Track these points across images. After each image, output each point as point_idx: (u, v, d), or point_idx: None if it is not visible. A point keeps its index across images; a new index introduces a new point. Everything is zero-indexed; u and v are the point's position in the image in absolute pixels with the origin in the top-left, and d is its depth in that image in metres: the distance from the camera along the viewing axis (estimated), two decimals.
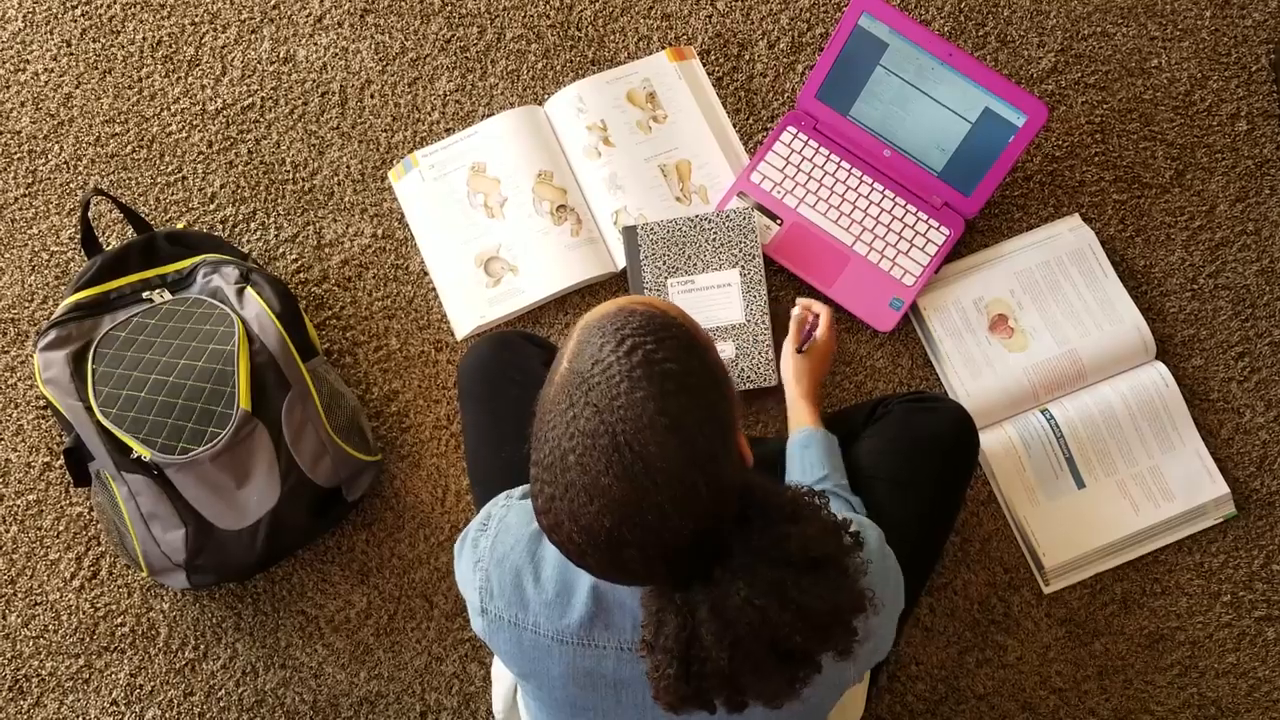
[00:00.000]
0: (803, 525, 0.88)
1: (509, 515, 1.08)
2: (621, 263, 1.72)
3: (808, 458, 1.36)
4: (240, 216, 1.77)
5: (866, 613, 0.90)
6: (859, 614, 0.90)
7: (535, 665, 1.04)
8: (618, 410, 0.83)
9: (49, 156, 1.79)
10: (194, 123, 1.80)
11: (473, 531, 1.10)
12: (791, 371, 1.50)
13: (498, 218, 1.74)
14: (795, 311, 1.56)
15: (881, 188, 1.72)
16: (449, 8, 1.85)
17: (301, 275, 1.74)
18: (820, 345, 1.52)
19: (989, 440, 1.62)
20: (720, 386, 0.89)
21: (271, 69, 1.83)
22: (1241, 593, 1.60)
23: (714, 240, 1.67)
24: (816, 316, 1.54)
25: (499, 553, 1.05)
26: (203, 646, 1.60)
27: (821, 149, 1.74)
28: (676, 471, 0.83)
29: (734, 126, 1.80)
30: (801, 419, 1.43)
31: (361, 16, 1.85)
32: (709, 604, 0.86)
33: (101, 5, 1.85)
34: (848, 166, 1.73)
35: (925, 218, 1.70)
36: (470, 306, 1.71)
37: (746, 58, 1.83)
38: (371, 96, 1.81)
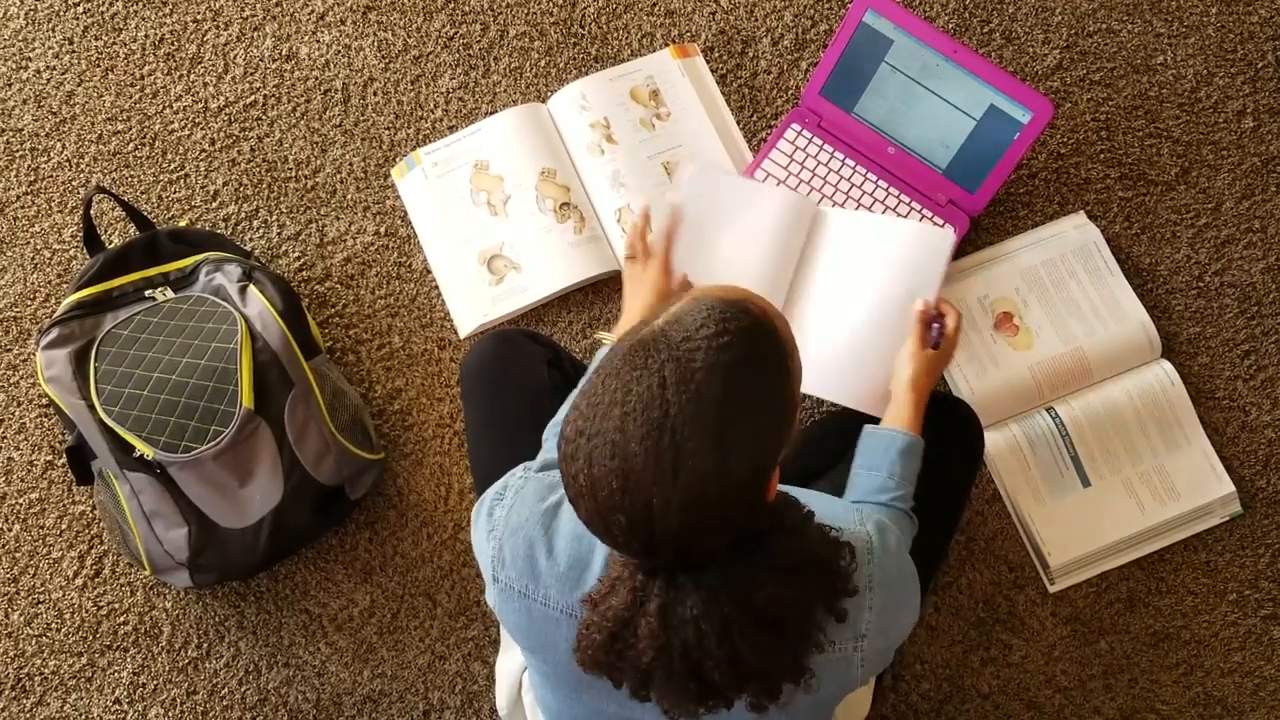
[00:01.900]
0: (785, 585, 0.90)
1: (526, 487, 1.08)
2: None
3: (909, 467, 1.27)
4: (243, 214, 1.76)
5: (803, 680, 0.93)
6: (788, 681, 0.92)
7: (543, 638, 1.04)
8: (683, 395, 0.83)
9: (51, 154, 1.79)
10: (196, 120, 1.80)
11: (489, 500, 1.10)
12: (910, 372, 1.35)
13: (501, 215, 1.74)
14: (917, 307, 1.42)
15: (886, 185, 1.71)
16: (452, 5, 1.85)
17: (304, 273, 1.73)
18: (947, 343, 1.40)
19: (994, 439, 1.62)
20: (783, 422, 0.89)
21: (274, 66, 1.82)
22: (1247, 591, 1.60)
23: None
24: (940, 315, 1.43)
25: (514, 523, 1.05)
26: (205, 645, 1.60)
27: (826, 146, 1.73)
28: (699, 479, 0.83)
29: (738, 124, 1.80)
30: (904, 417, 1.32)
31: (364, 14, 1.85)
32: (659, 603, 0.88)
33: (103, 3, 1.85)
34: (852, 164, 1.72)
35: (930, 215, 1.69)
36: (473, 304, 1.70)
37: (750, 55, 1.83)
38: (374, 94, 1.81)
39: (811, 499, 1.02)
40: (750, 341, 0.86)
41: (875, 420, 1.33)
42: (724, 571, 0.88)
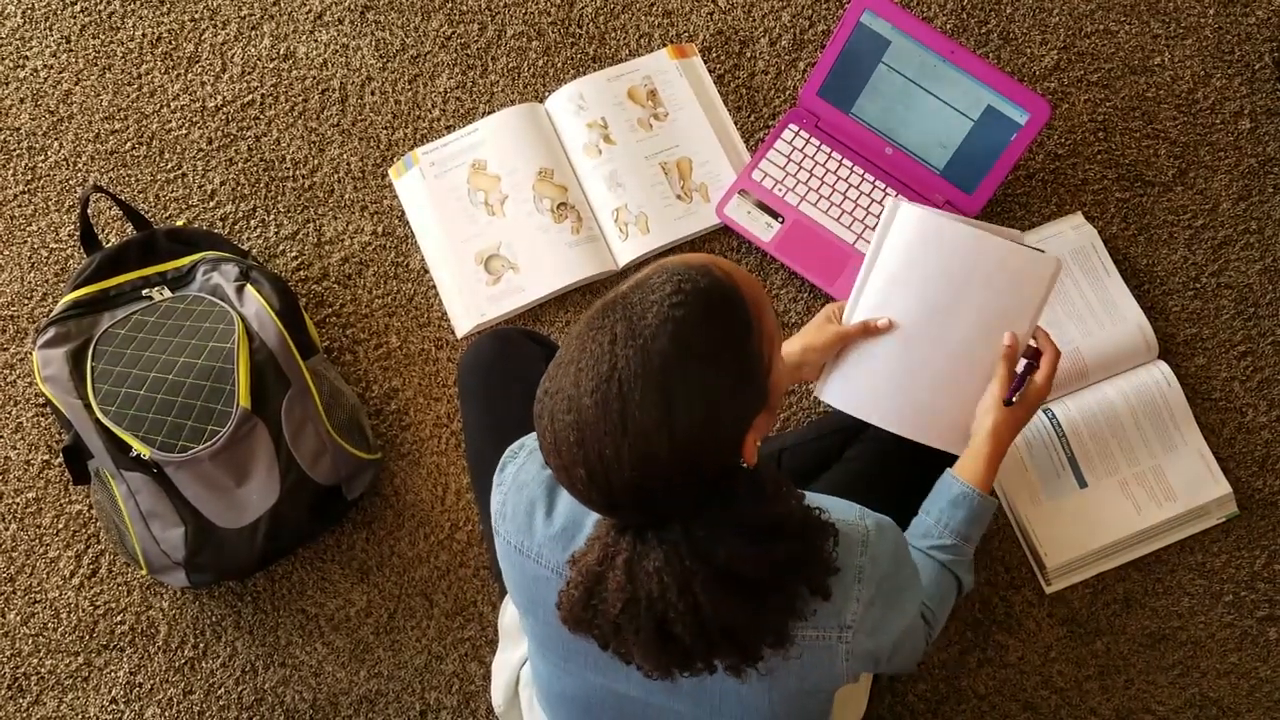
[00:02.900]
0: (751, 545, 0.90)
1: (539, 450, 1.09)
2: (623, 260, 1.71)
3: (956, 517, 1.23)
4: (240, 214, 1.76)
5: (784, 649, 0.94)
6: (763, 644, 0.93)
7: (533, 594, 1.06)
8: (629, 348, 0.86)
9: (48, 153, 1.79)
10: (194, 119, 1.80)
11: (505, 458, 1.12)
12: (990, 424, 1.25)
13: (498, 215, 1.74)
14: (1005, 342, 1.26)
15: (884, 186, 1.71)
16: (450, 4, 1.85)
17: (301, 273, 1.73)
18: (1032, 394, 1.27)
19: None
20: (740, 382, 0.90)
21: (272, 66, 1.82)
22: (1243, 593, 1.60)
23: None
24: (1035, 354, 1.29)
25: (520, 480, 1.08)
26: (202, 645, 1.60)
27: (823, 147, 1.73)
28: (647, 431, 0.85)
29: (735, 124, 1.79)
30: (968, 468, 1.25)
31: (362, 13, 1.84)
32: (625, 557, 0.91)
33: (101, 1, 1.85)
34: (849, 164, 1.72)
35: None
36: (470, 304, 1.70)
37: (748, 55, 1.83)
38: (372, 93, 1.81)
39: (814, 497, 1.02)
40: (704, 300, 0.88)
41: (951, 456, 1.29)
42: (688, 528, 0.90)
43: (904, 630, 1.06)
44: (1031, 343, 1.30)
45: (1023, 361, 1.30)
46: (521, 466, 1.09)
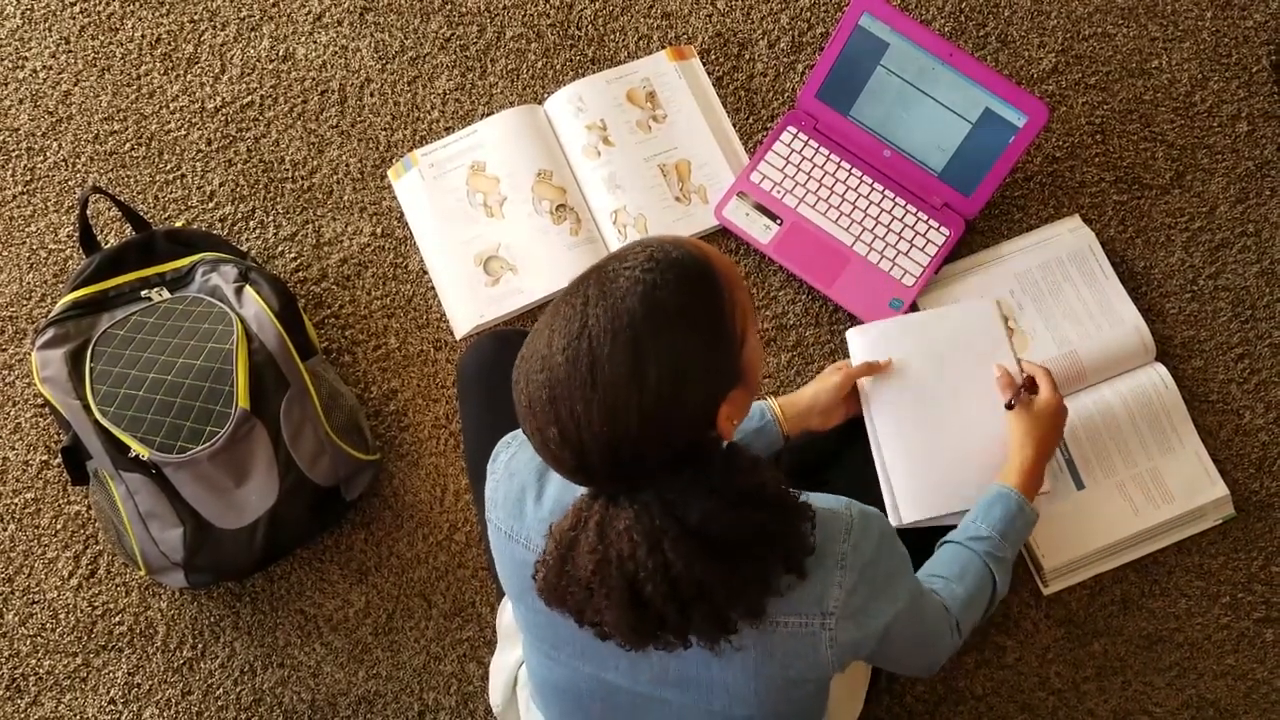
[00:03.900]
0: (722, 507, 0.91)
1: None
2: None
3: (992, 514, 1.29)
4: (239, 215, 1.76)
5: (759, 620, 0.95)
6: (735, 613, 0.94)
7: (525, 582, 1.07)
8: (600, 307, 0.89)
9: (47, 154, 1.79)
10: (193, 121, 1.80)
11: (499, 446, 1.14)
12: (1014, 436, 1.36)
13: (497, 217, 1.74)
14: (995, 374, 1.40)
15: (881, 188, 1.72)
16: (449, 6, 1.85)
17: (300, 274, 1.73)
18: (1044, 407, 1.37)
19: None
20: (710, 346, 0.91)
21: (271, 67, 1.82)
22: (1240, 594, 1.60)
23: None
24: (1031, 382, 1.39)
25: (512, 467, 1.09)
26: (201, 645, 1.60)
27: (822, 149, 1.73)
28: (615, 388, 0.87)
29: (734, 126, 1.80)
30: (1011, 471, 1.33)
31: (361, 15, 1.85)
32: (598, 518, 0.92)
33: (100, 2, 1.85)
34: (848, 167, 1.73)
35: (925, 218, 1.70)
36: (469, 305, 1.70)
37: (747, 57, 1.83)
38: (371, 95, 1.81)
39: (804, 495, 1.02)
40: (677, 267, 0.91)
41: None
42: (661, 491, 0.91)
43: (888, 616, 1.04)
44: (1019, 375, 1.40)
45: (1024, 394, 1.38)
46: (514, 455, 1.10)
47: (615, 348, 0.87)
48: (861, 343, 1.45)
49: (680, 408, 0.89)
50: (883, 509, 1.32)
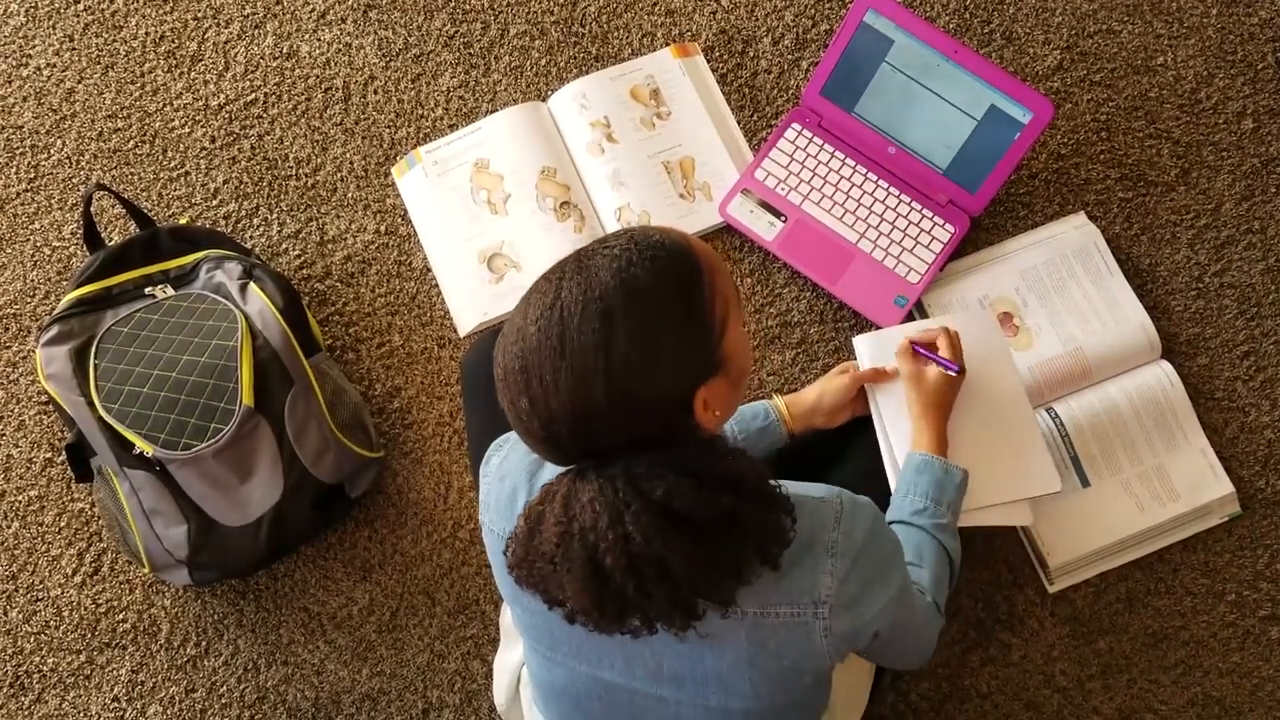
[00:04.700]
0: (689, 483, 0.90)
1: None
2: None
3: (920, 483, 1.29)
4: (243, 212, 1.76)
5: (727, 609, 0.95)
6: (700, 595, 0.93)
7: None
8: (574, 281, 0.90)
9: (51, 151, 1.79)
10: (197, 118, 1.80)
11: (491, 450, 1.14)
12: (910, 400, 1.37)
13: (501, 214, 1.74)
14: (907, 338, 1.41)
15: (886, 185, 1.71)
16: (453, 4, 1.85)
17: (304, 271, 1.73)
18: (936, 373, 1.38)
19: None
20: (683, 327, 0.91)
21: (274, 64, 1.82)
22: (1246, 592, 1.60)
23: None
24: (930, 344, 1.41)
25: (504, 470, 1.09)
26: (204, 643, 1.60)
27: (826, 146, 1.73)
28: (583, 351, 0.88)
29: (738, 123, 1.80)
30: (920, 440, 1.33)
31: (365, 12, 1.85)
32: (564, 491, 0.93)
33: (104, 0, 1.85)
34: (852, 164, 1.72)
35: (930, 215, 1.70)
36: (473, 303, 1.70)
37: (751, 54, 1.83)
38: (375, 92, 1.81)
39: (794, 485, 1.02)
40: (654, 249, 0.92)
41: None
42: (628, 466, 0.91)
43: (881, 604, 1.04)
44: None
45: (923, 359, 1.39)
46: (505, 458, 1.10)
47: (584, 319, 0.88)
48: (868, 349, 1.45)
49: (649, 386, 0.90)
50: (881, 506, 1.31)
